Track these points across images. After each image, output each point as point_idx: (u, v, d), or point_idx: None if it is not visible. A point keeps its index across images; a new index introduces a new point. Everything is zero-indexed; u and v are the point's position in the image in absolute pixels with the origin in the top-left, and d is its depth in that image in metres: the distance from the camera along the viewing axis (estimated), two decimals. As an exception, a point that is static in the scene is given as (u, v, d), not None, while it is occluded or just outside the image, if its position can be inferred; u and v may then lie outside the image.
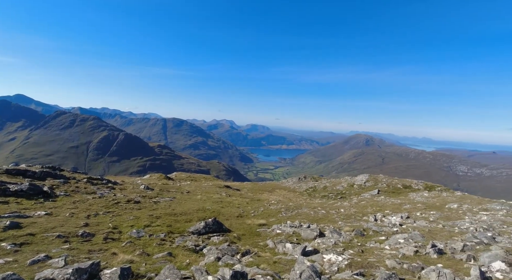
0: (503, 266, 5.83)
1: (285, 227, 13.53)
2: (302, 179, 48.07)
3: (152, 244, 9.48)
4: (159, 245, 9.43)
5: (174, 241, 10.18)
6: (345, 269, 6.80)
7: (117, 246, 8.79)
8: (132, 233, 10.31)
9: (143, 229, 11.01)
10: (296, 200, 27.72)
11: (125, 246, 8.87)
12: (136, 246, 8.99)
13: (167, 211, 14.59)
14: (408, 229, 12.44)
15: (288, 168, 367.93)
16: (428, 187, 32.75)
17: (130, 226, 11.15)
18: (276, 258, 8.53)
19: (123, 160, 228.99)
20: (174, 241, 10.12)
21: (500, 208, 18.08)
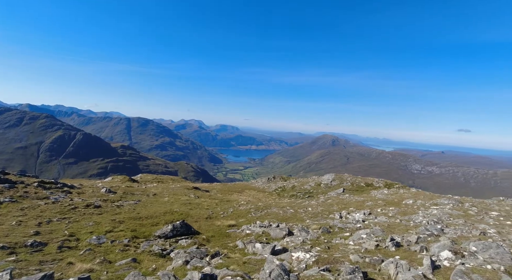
0: (449, 255, 6.45)
1: (254, 227, 13.59)
2: (271, 179, 48.74)
3: (115, 250, 8.92)
4: (123, 251, 8.91)
5: (139, 246, 9.69)
6: (313, 265, 7.01)
7: (74, 255, 8.13)
8: (92, 240, 9.60)
9: (104, 235, 10.31)
10: (265, 200, 28.02)
11: (83, 255, 8.24)
12: (96, 254, 8.39)
13: (132, 215, 13.85)
14: (370, 224, 13.21)
15: (258, 168, 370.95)
16: (388, 185, 35.17)
17: (89, 233, 10.37)
18: (246, 258, 8.53)
19: (81, 162, 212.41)
20: (139, 246, 9.63)
21: (448, 202, 19.99)
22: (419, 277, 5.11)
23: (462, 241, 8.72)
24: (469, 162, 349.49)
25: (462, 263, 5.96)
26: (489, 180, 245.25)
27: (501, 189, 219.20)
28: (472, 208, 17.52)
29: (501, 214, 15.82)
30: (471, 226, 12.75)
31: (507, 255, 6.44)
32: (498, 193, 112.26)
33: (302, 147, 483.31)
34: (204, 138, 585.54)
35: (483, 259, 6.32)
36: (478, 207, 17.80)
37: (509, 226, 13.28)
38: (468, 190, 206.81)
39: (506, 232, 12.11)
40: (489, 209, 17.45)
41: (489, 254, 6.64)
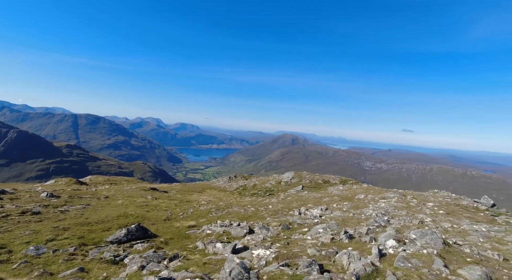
0: (394, 243, 7.11)
1: (215, 227, 13.41)
2: (232, 178, 48.64)
3: (58, 260, 8.04)
4: (68, 261, 8.07)
5: (87, 254, 8.88)
6: (273, 261, 7.16)
7: (5, 270, 7.13)
8: (29, 250, 8.53)
9: (44, 244, 9.23)
10: (226, 199, 27.85)
11: (18, 268, 7.27)
12: (34, 266, 7.46)
13: (79, 221, 12.64)
14: (327, 219, 13.93)
15: (219, 167, 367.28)
16: (343, 181, 37.54)
17: (25, 243, 9.20)
18: (206, 259, 8.36)
19: (16, 164, 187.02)
20: (88, 254, 8.83)
21: (393, 196, 22.04)
22: (368, 265, 5.53)
23: (405, 230, 9.68)
24: (411, 159, 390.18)
25: (404, 249, 6.62)
26: (427, 175, 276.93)
27: (435, 182, 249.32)
28: (413, 200, 19.58)
29: (435, 204, 17.96)
30: (412, 216, 14.24)
31: (439, 240, 7.33)
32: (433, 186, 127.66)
33: (263, 146, 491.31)
34: (163, 137, 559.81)
35: (421, 245, 7.10)
36: (417, 199, 19.95)
37: (441, 215, 15.14)
38: (410, 184, 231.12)
39: (439, 220, 13.79)
40: (426, 200, 19.68)
41: (425, 240, 7.48)
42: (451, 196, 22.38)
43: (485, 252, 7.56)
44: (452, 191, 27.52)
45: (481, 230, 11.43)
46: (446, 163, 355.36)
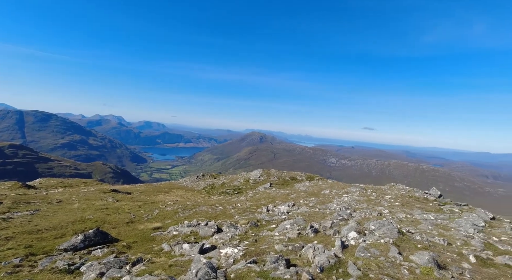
0: (355, 235, 7.53)
1: (182, 228, 13.04)
2: (200, 177, 47.74)
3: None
4: (12, 274, 7.25)
5: (36, 264, 8.06)
6: (241, 259, 7.15)
7: None
8: (-36, 265, 7.51)
9: (-16, 256, 8.20)
10: (194, 198, 27.25)
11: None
12: (-30, 282, 6.60)
13: (26, 229, 11.43)
14: (294, 215, 14.30)
15: (186, 166, 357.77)
16: (309, 178, 38.82)
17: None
18: (172, 261, 8.09)
19: None
20: (37, 265, 8.02)
21: (355, 190, 23.35)
22: (331, 257, 5.78)
23: (365, 222, 10.30)
24: (372, 155, 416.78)
25: (364, 240, 7.04)
26: (385, 170, 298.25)
27: (393, 176, 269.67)
28: (373, 194, 20.93)
29: (392, 197, 19.40)
30: (372, 208, 15.21)
31: (395, 230, 7.92)
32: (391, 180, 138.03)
33: (231, 144, 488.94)
34: (125, 135, 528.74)
35: (379, 235, 7.61)
36: (377, 193, 21.37)
37: (397, 206, 16.40)
38: (371, 178, 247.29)
39: (395, 211, 14.90)
40: (384, 193, 21.17)
41: (383, 231, 8.04)
42: (406, 188, 24.37)
43: (433, 238, 8.34)
44: (406, 184, 29.97)
45: (430, 219, 12.60)
46: (402, 159, 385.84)
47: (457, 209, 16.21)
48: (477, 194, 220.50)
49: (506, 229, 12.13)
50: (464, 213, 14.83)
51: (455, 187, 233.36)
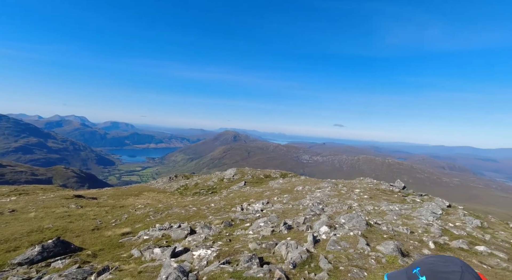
0: (326, 229, 7.74)
1: (153, 232, 12.55)
2: (173, 178, 46.42)
3: None
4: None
5: (-16, 282, 7.26)
6: (214, 260, 7.01)
7: None
8: None
9: None
10: (166, 200, 26.40)
11: None
12: None
13: (-27, 243, 10.26)
14: (268, 213, 14.39)
15: (158, 168, 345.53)
16: (283, 175, 39.40)
17: None
18: (142, 267, 7.71)
19: None
20: (-15, 283, 7.22)
21: (327, 185, 24.12)
22: (304, 252, 5.88)
23: (336, 216, 10.64)
24: (342, 151, 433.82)
25: (335, 234, 7.26)
26: (355, 164, 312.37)
27: (362, 171, 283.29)
28: (343, 188, 21.76)
29: (361, 190, 20.33)
30: (343, 202, 15.80)
31: (363, 222, 8.27)
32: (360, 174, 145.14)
33: (204, 144, 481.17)
34: (90, 137, 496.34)
35: (348, 228, 7.90)
36: (347, 187, 22.27)
37: (366, 199, 17.20)
38: (342, 173, 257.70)
39: (364, 204, 15.62)
40: (354, 187, 22.12)
41: (352, 223, 8.36)
42: (373, 182, 25.68)
43: (397, 228, 8.85)
44: (374, 177, 31.61)
45: (395, 210, 13.37)
46: (370, 153, 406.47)
47: (418, 199, 17.42)
48: (435, 184, 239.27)
49: (460, 215, 13.28)
50: (424, 202, 15.97)
51: (417, 179, 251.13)
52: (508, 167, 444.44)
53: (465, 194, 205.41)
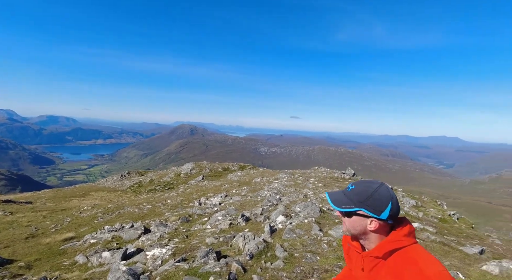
0: (283, 218, 7.95)
1: (102, 234, 11.57)
2: (125, 175, 43.43)
3: None
4: None
5: None
6: (169, 259, 6.71)
7: None
8: None
9: None
10: (118, 200, 24.60)
11: None
12: None
13: None
14: (226, 206, 14.31)
15: (108, 165, 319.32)
16: (241, 167, 39.54)
17: None
18: (87, 274, 7.06)
19: None
20: None
21: (284, 176, 24.87)
22: (260, 242, 5.94)
23: (292, 205, 11.01)
24: (299, 142, 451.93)
25: (290, 222, 7.49)
26: (311, 155, 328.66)
27: (317, 160, 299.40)
28: (299, 178, 22.66)
29: (316, 179, 21.41)
30: (299, 192, 16.44)
31: (317, 209, 8.69)
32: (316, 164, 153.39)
33: (160, 138, 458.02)
34: (21, 133, 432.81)
35: (303, 216, 8.23)
36: (303, 176, 23.25)
37: (320, 187, 18.18)
38: (299, 164, 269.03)
39: (318, 192, 16.47)
40: (309, 176, 23.20)
41: (307, 211, 8.72)
42: (327, 170, 27.26)
43: (347, 212, 9.50)
44: (328, 166, 33.61)
45: (345, 195, 14.35)
46: (324, 144, 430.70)
47: (365, 184, 19.01)
48: (380, 170, 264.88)
49: (399, 197, 14.85)
50: (370, 187, 17.47)
51: (365, 166, 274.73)
52: (437, 152, 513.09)
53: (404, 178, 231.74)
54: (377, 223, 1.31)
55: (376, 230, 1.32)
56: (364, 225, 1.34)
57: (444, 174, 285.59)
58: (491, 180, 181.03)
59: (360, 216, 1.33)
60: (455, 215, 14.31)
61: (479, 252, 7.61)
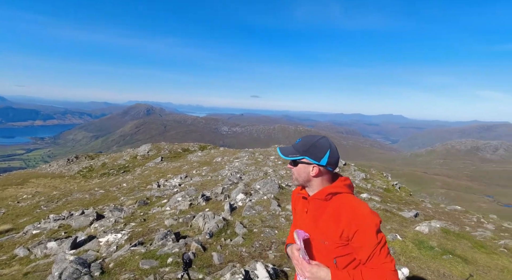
0: (243, 196, 8.06)
1: (46, 224, 10.59)
2: (73, 160, 39.81)
3: None
4: None
5: None
6: (125, 244, 6.42)
7: None
8: None
9: None
10: (65, 186, 22.58)
11: None
12: None
13: None
14: (186, 186, 14.03)
15: (51, 149, 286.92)
16: (202, 148, 38.82)
17: None
18: (30, 267, 6.43)
19: None
20: None
21: (245, 155, 25.08)
22: (220, 221, 5.96)
23: (252, 183, 11.21)
24: (259, 121, 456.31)
25: (250, 200, 7.63)
26: (271, 133, 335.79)
27: (277, 139, 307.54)
28: (260, 156, 23.07)
29: (276, 157, 22.01)
30: (259, 170, 16.78)
31: (276, 186, 8.96)
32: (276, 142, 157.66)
33: (111, 119, 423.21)
34: None
35: (263, 193, 8.44)
36: (263, 155, 23.70)
37: (280, 165, 18.76)
38: (260, 143, 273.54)
39: (278, 169, 17.01)
40: (270, 155, 23.73)
41: (267, 188, 8.96)
42: (285, 148, 28.10)
43: (304, 187, 10.00)
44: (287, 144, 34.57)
45: (302, 171, 15.04)
46: (283, 122, 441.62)
47: (321, 160, 20.12)
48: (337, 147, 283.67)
49: (351, 171, 16.06)
50: (325, 163, 18.55)
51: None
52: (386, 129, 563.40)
53: (357, 153, 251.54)
54: (317, 168, 1.53)
55: (317, 175, 1.54)
56: (307, 171, 1.54)
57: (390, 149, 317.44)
58: (427, 153, 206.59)
59: (304, 164, 1.55)
60: (397, 184, 16.09)
61: (414, 215, 8.71)
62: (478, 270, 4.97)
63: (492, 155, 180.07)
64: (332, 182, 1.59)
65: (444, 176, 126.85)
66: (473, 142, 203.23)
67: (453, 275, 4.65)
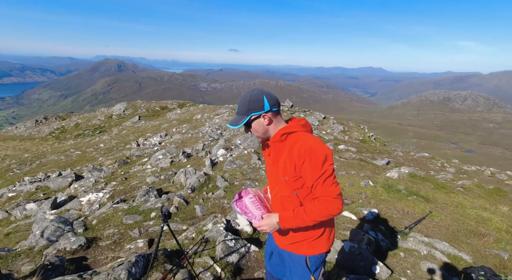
0: (223, 152, 8.11)
1: (22, 186, 10.34)
2: (41, 121, 37.51)
3: None
4: None
5: None
6: (107, 202, 6.46)
7: None
8: None
9: None
10: (37, 148, 21.62)
11: None
12: None
13: None
14: (166, 145, 13.87)
15: (15, 110, 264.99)
16: (181, 105, 37.64)
17: None
18: (10, 228, 6.42)
19: None
20: None
21: (225, 111, 24.72)
22: (202, 176, 6.05)
23: (233, 138, 11.23)
24: (239, 76, 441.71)
25: (231, 155, 7.71)
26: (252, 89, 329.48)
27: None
28: (239, 112, 22.87)
29: (255, 112, 21.92)
30: (239, 125, 16.76)
31: (256, 140, 9.04)
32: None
33: (79, 76, 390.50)
34: None
35: (243, 148, 8.52)
36: (243, 110, 23.48)
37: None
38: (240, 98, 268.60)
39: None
40: (249, 110, 23.57)
41: (247, 143, 9.02)
42: (266, 103, 27.91)
43: (284, 141, 10.20)
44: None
45: (283, 126, 15.23)
46: (264, 77, 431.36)
47: (302, 114, 20.33)
48: (316, 101, 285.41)
49: (330, 124, 16.44)
50: (307, 116, 18.79)
51: (303, 98, 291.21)
52: (365, 82, 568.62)
53: (336, 107, 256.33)
54: (266, 116, 1.61)
55: (270, 122, 1.63)
56: (261, 124, 1.63)
57: (368, 102, 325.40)
58: (402, 105, 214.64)
59: (254, 121, 1.63)
60: (373, 136, 16.85)
61: (386, 163, 9.30)
62: (437, 207, 5.59)
63: (461, 105, 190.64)
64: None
65: (416, 127, 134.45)
66: (445, 93, 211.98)
67: (416, 213, 5.21)
